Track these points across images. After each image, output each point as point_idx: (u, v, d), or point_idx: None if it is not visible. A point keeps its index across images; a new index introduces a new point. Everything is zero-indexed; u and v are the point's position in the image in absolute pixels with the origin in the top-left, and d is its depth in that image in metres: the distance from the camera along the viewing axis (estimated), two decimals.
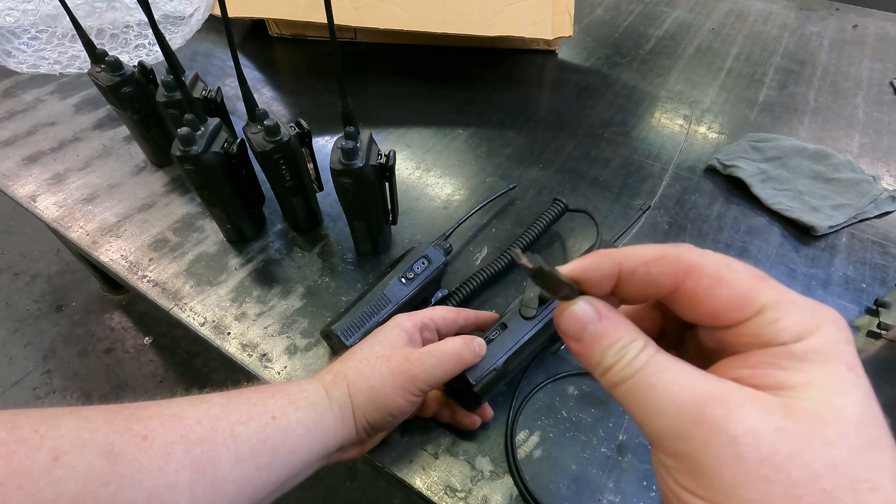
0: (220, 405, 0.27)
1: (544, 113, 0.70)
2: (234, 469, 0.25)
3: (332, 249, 0.51)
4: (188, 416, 0.26)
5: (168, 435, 0.24)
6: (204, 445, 0.25)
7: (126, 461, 0.22)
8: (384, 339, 0.33)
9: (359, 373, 0.32)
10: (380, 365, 0.32)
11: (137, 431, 0.23)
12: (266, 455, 0.27)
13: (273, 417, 0.28)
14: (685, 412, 0.16)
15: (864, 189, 0.57)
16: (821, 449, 0.14)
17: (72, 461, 0.20)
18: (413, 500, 0.37)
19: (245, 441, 0.26)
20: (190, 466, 0.24)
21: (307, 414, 0.29)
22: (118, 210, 0.54)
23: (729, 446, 0.14)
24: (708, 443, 0.15)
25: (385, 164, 0.41)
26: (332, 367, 0.33)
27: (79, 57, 0.67)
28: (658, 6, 0.96)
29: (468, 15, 0.69)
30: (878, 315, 0.47)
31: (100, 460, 0.21)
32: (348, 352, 0.34)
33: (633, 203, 0.57)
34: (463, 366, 0.34)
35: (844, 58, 0.84)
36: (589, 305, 0.19)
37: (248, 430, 0.27)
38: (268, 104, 0.69)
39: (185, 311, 0.46)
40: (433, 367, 0.32)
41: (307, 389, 0.31)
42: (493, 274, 0.46)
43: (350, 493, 1.01)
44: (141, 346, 1.22)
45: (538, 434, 0.38)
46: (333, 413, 0.30)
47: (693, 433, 0.15)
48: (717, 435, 0.15)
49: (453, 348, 0.33)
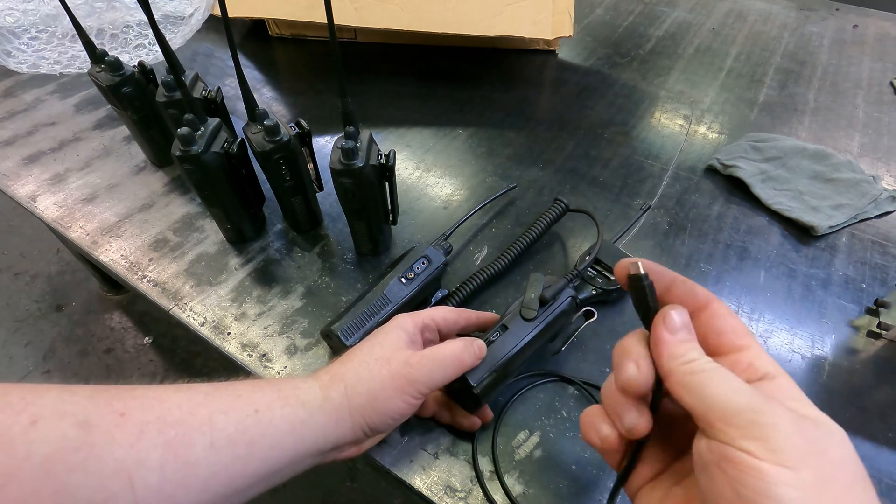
0: (204, 393, 0.28)
1: (544, 113, 0.70)
2: (207, 455, 0.26)
3: (332, 249, 0.51)
4: (169, 400, 0.26)
5: (145, 414, 0.25)
6: (179, 428, 0.25)
7: (99, 433, 0.23)
8: (384, 341, 0.33)
9: (358, 375, 0.32)
10: (379, 368, 0.32)
11: (116, 408, 0.24)
12: (243, 446, 0.27)
13: (256, 410, 0.28)
14: (756, 394, 0.20)
15: (864, 189, 0.57)
16: None
17: (47, 426, 0.22)
18: (413, 500, 0.37)
19: (222, 429, 0.26)
20: (162, 446, 0.24)
21: (294, 411, 0.29)
22: (118, 210, 0.54)
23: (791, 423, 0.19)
24: (775, 413, 0.20)
25: (385, 164, 0.41)
26: (331, 367, 0.33)
27: (79, 57, 0.67)
28: (658, 6, 0.96)
29: (468, 15, 0.69)
30: (878, 315, 0.47)
31: (74, 429, 0.22)
32: (348, 353, 0.34)
33: (633, 203, 0.57)
34: (463, 369, 0.34)
35: (844, 58, 0.84)
36: (685, 313, 0.24)
37: (228, 419, 0.27)
38: (268, 104, 0.69)
39: (185, 311, 0.46)
40: (433, 370, 0.32)
41: (299, 388, 0.31)
42: (493, 274, 0.46)
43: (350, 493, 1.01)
44: (141, 346, 1.22)
45: (538, 434, 0.38)
46: (326, 413, 0.30)
47: (765, 406, 0.20)
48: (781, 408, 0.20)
49: (453, 352, 0.33)
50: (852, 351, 0.45)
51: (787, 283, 0.50)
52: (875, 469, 0.38)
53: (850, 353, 0.45)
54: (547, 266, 0.50)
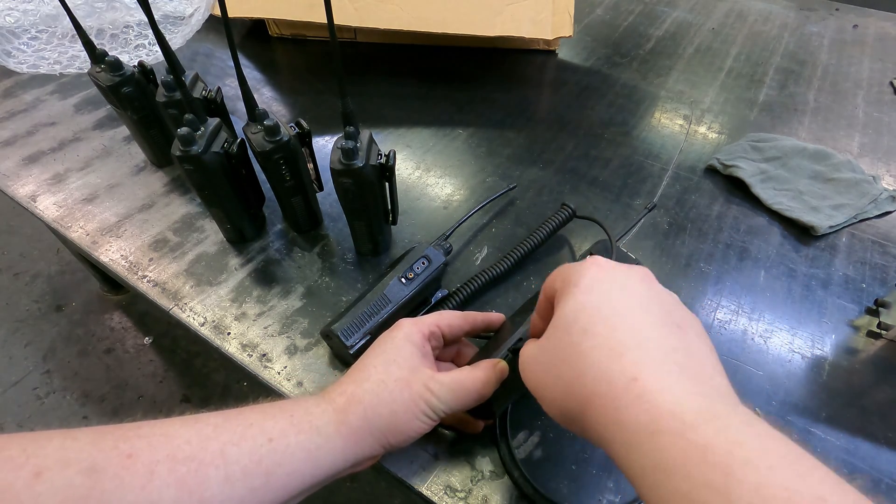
0: (213, 425, 0.27)
1: (544, 113, 0.70)
2: (223, 489, 0.25)
3: (332, 249, 0.51)
4: (177, 436, 0.25)
5: (154, 454, 0.24)
6: (190, 464, 0.24)
7: (107, 478, 0.22)
8: (399, 359, 0.32)
9: (378, 397, 0.31)
10: (400, 390, 0.31)
11: (122, 450, 0.24)
12: (259, 477, 0.26)
13: (270, 439, 0.27)
14: None
15: (864, 189, 0.57)
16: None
17: (52, 477, 0.21)
18: (413, 500, 0.37)
19: (236, 462, 0.26)
20: (175, 484, 0.24)
21: (309, 437, 0.28)
22: (118, 210, 0.54)
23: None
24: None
25: (385, 164, 0.41)
26: (344, 388, 0.32)
27: (79, 57, 0.67)
28: (658, 6, 0.97)
29: (468, 15, 0.69)
30: (878, 315, 0.47)
31: (80, 477, 0.22)
32: (359, 370, 0.33)
33: (633, 203, 0.57)
34: (484, 398, 0.33)
35: (844, 58, 0.84)
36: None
37: (241, 451, 0.26)
38: (268, 104, 0.69)
39: (185, 311, 0.46)
40: (452, 400, 0.32)
41: (312, 413, 0.30)
42: (495, 276, 0.46)
43: (350, 493, 1.01)
44: (141, 346, 1.22)
45: (538, 434, 0.38)
46: (344, 437, 0.29)
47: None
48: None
49: (475, 384, 0.32)
50: (852, 351, 0.45)
51: (787, 283, 0.50)
52: (875, 469, 0.38)
53: (850, 353, 0.45)
54: (549, 268, 0.50)
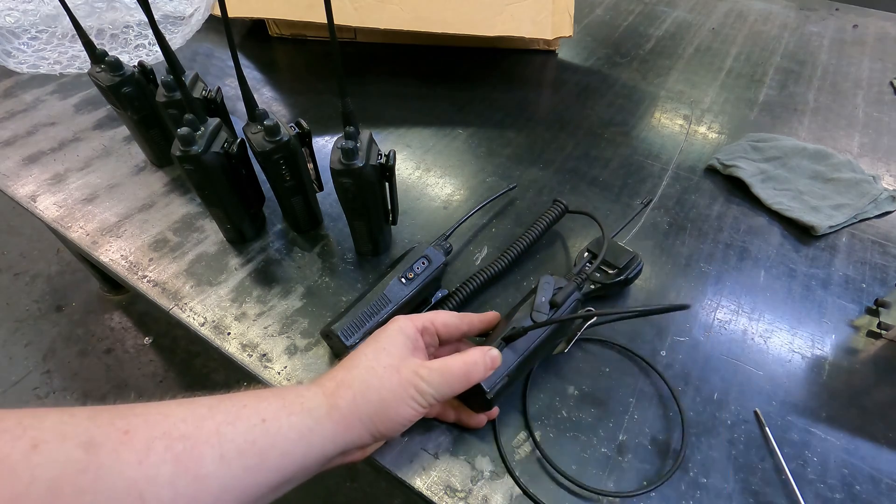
0: (208, 406, 0.27)
1: (544, 113, 0.70)
2: (218, 467, 0.25)
3: (332, 249, 0.51)
4: (173, 415, 0.26)
5: (151, 431, 0.24)
6: (187, 442, 0.25)
7: (105, 452, 0.22)
8: (389, 347, 0.33)
9: (366, 383, 0.31)
10: (389, 376, 0.31)
11: (119, 426, 0.24)
12: (254, 456, 0.26)
13: (263, 420, 0.28)
14: None
15: (864, 189, 0.57)
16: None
17: (50, 449, 0.21)
18: (413, 500, 0.37)
19: (231, 441, 0.26)
20: (171, 461, 0.24)
21: (301, 419, 0.29)
22: (118, 210, 0.54)
23: None
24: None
25: (385, 164, 0.41)
26: (335, 374, 0.32)
27: (79, 57, 0.67)
28: (658, 6, 0.97)
29: (468, 15, 0.69)
30: (878, 315, 0.47)
31: (78, 450, 0.22)
32: (350, 358, 0.33)
33: (633, 203, 0.57)
34: (473, 383, 0.34)
35: (844, 58, 0.84)
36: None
37: (235, 430, 0.27)
38: (268, 104, 0.69)
39: (185, 311, 0.46)
40: (442, 384, 0.32)
41: (304, 395, 0.30)
42: (492, 275, 0.46)
43: (350, 493, 1.01)
44: (141, 346, 1.22)
45: (538, 434, 0.38)
46: (333, 420, 0.30)
47: None
48: None
49: (463, 368, 0.33)
50: (852, 351, 0.45)
51: (787, 283, 0.50)
52: (875, 469, 0.38)
53: (850, 353, 0.45)
54: (547, 266, 0.50)
